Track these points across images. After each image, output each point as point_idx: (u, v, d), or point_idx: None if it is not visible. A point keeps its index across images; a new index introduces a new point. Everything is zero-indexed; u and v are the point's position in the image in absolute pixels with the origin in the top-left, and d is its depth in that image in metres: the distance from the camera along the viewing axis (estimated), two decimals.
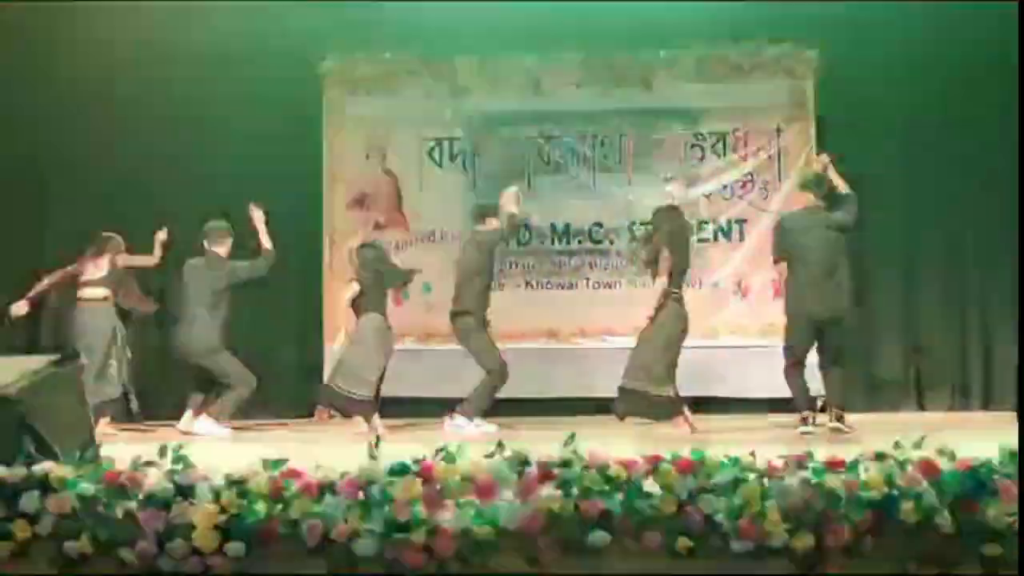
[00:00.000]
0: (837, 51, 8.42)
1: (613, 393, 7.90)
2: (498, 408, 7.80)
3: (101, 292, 7.69)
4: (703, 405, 7.87)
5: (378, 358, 7.48)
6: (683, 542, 3.48)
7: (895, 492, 3.52)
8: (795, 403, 7.04)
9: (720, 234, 8.75)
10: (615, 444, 4.14)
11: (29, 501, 3.61)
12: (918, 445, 3.72)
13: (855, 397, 8.36)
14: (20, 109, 8.50)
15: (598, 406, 8.07)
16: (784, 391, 7.21)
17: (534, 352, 8.49)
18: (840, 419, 6.91)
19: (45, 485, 3.64)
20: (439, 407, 7.73)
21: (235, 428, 7.60)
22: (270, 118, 8.51)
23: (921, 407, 8.54)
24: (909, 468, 3.58)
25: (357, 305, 7.59)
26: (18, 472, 3.70)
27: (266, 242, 7.69)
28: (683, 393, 7.26)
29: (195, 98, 8.52)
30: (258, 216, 7.67)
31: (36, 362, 4.30)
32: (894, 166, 8.46)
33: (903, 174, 8.46)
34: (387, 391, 7.74)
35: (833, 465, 3.62)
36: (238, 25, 8.17)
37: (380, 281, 7.63)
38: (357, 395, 7.39)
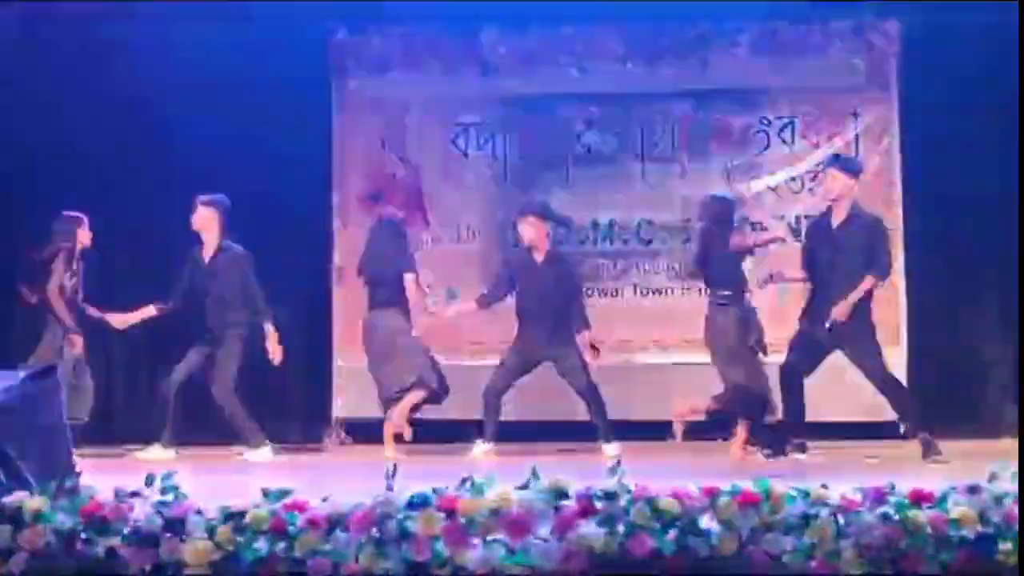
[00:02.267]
0: (922, 22, 8.36)
1: (661, 415, 7.93)
2: (525, 431, 7.87)
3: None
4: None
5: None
6: None
7: (990, 530, 3.50)
8: None
9: (789, 232, 8.71)
10: (667, 474, 4.13)
11: (0, 536, 3.65)
12: (1017, 477, 3.70)
13: (948, 422, 8.31)
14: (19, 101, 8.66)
15: (646, 430, 8.08)
16: (869, 414, 7.26)
17: None
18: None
19: (18, 518, 3.67)
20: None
21: (230, 456, 7.68)
22: (272, 101, 8.55)
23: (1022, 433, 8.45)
24: (1007, 503, 3.56)
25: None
26: None
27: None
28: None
29: (187, 79, 8.56)
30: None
31: (8, 378, 4.34)
32: (991, 154, 8.37)
33: (1001, 163, 8.36)
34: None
35: (919, 499, 3.61)
36: None
37: None
38: None
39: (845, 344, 7.20)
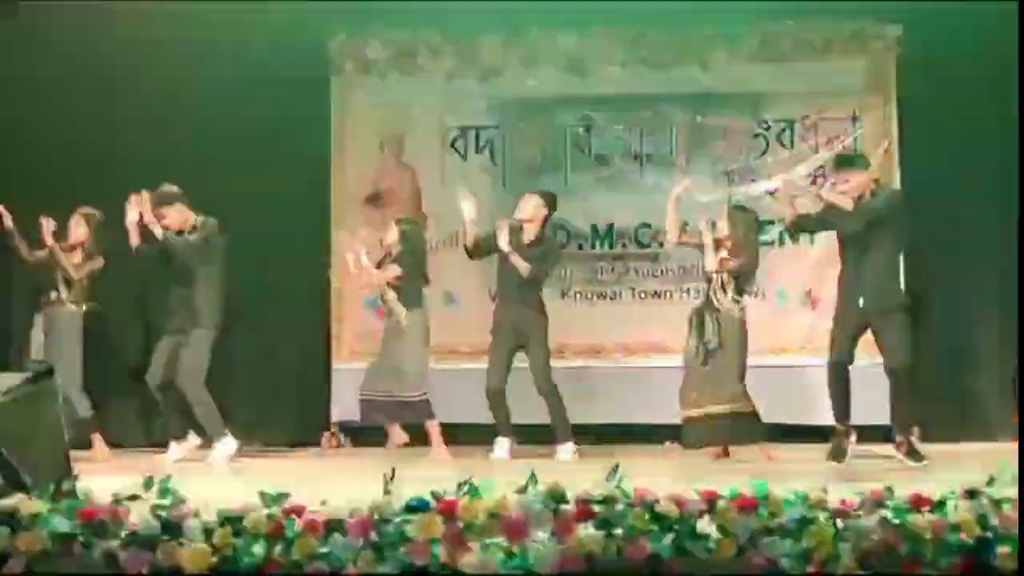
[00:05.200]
0: (922, 26, 8.36)
1: (659, 418, 7.93)
2: (526, 436, 7.88)
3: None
4: (770, 432, 7.85)
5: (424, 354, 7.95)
6: None
7: (989, 535, 3.50)
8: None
9: (787, 237, 8.71)
10: (665, 478, 4.13)
11: None
12: (1016, 481, 3.70)
13: (944, 424, 8.31)
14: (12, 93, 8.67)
15: (644, 434, 8.08)
16: (870, 417, 7.23)
17: (571, 372, 8.48)
18: (905, 450, 6.90)
19: (14, 521, 3.67)
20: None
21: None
22: (272, 103, 8.55)
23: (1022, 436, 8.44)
24: (1006, 507, 3.56)
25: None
26: None
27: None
28: None
29: (184, 81, 8.57)
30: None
31: (6, 379, 4.34)
32: (990, 160, 8.37)
33: (1001, 169, 8.36)
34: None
35: (918, 503, 3.60)
36: None
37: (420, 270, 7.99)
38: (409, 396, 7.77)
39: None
